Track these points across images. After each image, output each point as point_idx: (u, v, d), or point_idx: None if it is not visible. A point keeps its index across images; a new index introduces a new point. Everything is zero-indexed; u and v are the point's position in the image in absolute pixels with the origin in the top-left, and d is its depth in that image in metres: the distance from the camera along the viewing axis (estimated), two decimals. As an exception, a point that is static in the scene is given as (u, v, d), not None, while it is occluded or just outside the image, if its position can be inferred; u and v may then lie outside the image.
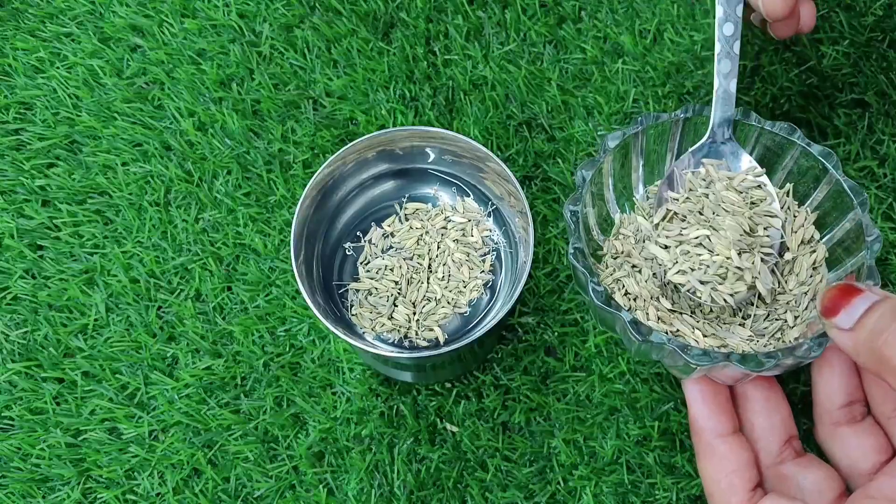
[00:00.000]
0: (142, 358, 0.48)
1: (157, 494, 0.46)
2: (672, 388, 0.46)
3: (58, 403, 0.48)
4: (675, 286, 0.39)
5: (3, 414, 0.48)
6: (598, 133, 0.52)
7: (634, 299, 0.39)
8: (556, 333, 0.48)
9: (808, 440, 0.42)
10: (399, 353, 0.40)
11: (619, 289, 0.40)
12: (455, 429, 0.46)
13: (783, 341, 0.38)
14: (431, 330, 0.43)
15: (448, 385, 0.47)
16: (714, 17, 0.40)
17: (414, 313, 0.43)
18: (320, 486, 0.45)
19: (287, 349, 0.48)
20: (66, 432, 0.47)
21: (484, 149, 0.41)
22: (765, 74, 0.52)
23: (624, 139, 0.40)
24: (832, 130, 0.51)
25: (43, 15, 0.57)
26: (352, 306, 0.43)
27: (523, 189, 0.41)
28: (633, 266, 0.40)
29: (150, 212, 0.51)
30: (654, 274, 0.39)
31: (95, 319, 0.49)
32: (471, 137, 0.43)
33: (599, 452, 0.45)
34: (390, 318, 0.43)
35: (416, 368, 0.44)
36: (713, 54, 0.40)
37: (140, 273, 0.50)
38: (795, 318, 0.39)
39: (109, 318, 0.49)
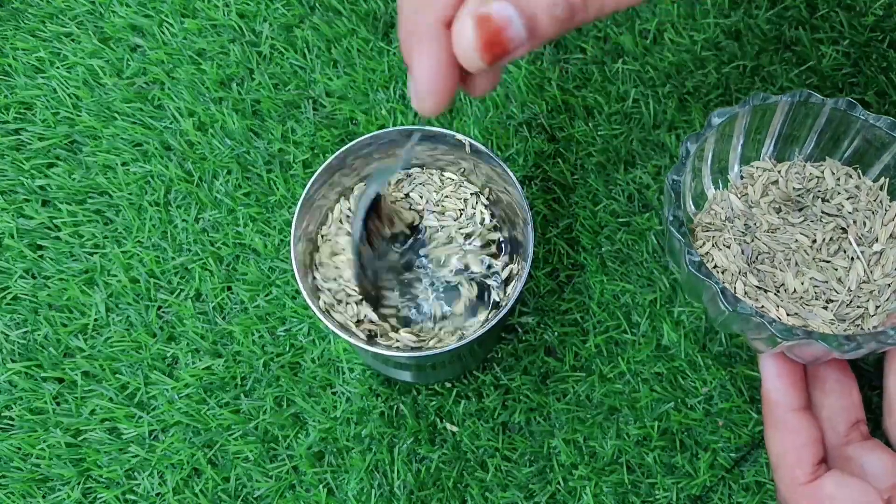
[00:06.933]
0: (142, 358, 0.48)
1: (157, 494, 0.46)
2: (672, 387, 0.46)
3: (58, 403, 0.48)
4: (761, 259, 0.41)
5: (3, 414, 0.48)
6: (599, 133, 0.52)
7: (723, 272, 0.40)
8: (556, 333, 0.48)
9: (877, 432, 0.43)
10: (399, 353, 0.40)
11: (708, 261, 0.41)
12: (455, 429, 0.46)
13: (862, 328, 0.39)
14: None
15: (448, 385, 0.47)
16: None
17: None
18: (320, 486, 0.45)
19: (287, 349, 0.48)
20: (66, 432, 0.47)
21: (484, 148, 0.41)
22: (765, 74, 0.52)
23: (729, 117, 0.40)
24: (832, 130, 0.51)
25: (43, 15, 0.57)
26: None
27: (523, 189, 0.41)
28: (724, 241, 0.41)
29: (150, 212, 0.51)
30: (742, 251, 0.41)
31: (95, 319, 0.49)
32: (471, 137, 0.43)
33: (599, 452, 0.45)
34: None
35: (416, 368, 0.44)
36: None
37: (140, 273, 0.50)
38: (877, 307, 0.40)
39: (109, 318, 0.49)
